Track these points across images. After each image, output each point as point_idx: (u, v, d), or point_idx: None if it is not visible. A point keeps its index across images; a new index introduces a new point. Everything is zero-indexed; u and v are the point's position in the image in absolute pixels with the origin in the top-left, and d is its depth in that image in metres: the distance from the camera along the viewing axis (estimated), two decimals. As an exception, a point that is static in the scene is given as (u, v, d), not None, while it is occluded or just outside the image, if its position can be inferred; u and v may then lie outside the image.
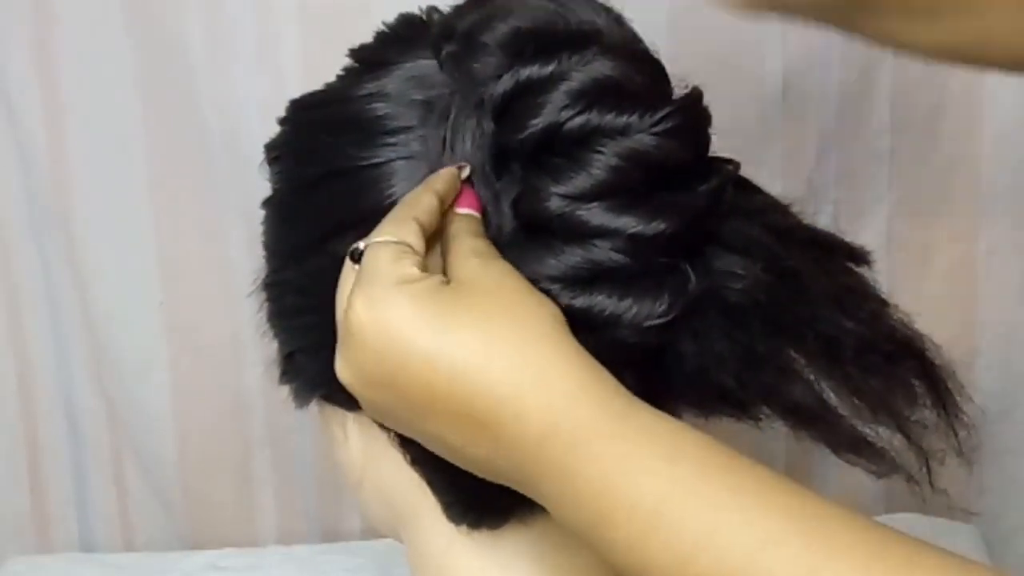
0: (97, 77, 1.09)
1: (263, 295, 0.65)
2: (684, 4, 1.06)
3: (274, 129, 0.66)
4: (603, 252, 0.56)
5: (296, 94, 0.66)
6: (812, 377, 0.60)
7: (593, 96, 0.57)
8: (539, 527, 0.61)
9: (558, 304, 0.55)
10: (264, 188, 0.66)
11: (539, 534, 0.62)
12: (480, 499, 0.60)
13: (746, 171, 1.08)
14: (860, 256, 0.63)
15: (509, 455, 0.52)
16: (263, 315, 0.66)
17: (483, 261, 0.54)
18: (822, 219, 1.13)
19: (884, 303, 0.62)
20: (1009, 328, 1.16)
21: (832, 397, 0.60)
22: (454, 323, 0.52)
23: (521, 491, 0.54)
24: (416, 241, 0.55)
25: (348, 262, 0.56)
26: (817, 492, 0.51)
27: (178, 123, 1.10)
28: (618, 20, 0.61)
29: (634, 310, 0.56)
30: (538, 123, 0.57)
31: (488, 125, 0.58)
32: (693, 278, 0.58)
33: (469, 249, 0.55)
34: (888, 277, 1.14)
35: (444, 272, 0.56)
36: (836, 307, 0.60)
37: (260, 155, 0.66)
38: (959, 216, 1.14)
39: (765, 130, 1.09)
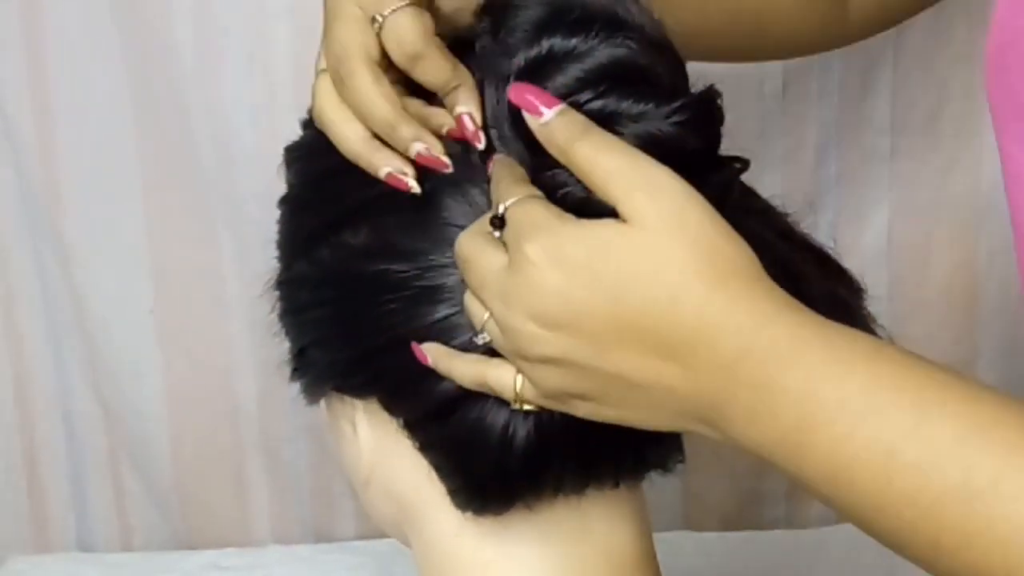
0: (88, 83, 1.09)
1: (275, 294, 0.65)
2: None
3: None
4: None
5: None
6: None
7: (614, 78, 0.57)
8: (545, 515, 0.62)
9: None
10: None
11: (546, 523, 0.62)
12: (485, 484, 0.60)
13: (747, 172, 1.09)
14: (849, 280, 0.64)
15: (698, 382, 0.53)
16: (275, 315, 0.66)
17: (652, 196, 0.53)
18: (822, 219, 1.13)
19: (873, 324, 0.62)
20: (1010, 329, 1.16)
21: None
22: (643, 257, 0.53)
23: (702, 424, 0.54)
24: (543, 194, 0.56)
25: (474, 237, 0.56)
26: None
27: (169, 128, 1.10)
28: (651, 16, 0.61)
29: None
30: (556, 88, 0.57)
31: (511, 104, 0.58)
32: None
33: (628, 183, 0.54)
34: (889, 277, 1.14)
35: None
36: (832, 314, 0.60)
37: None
38: (960, 217, 1.14)
39: (765, 130, 1.09)
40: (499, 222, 0.55)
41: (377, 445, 0.64)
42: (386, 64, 0.61)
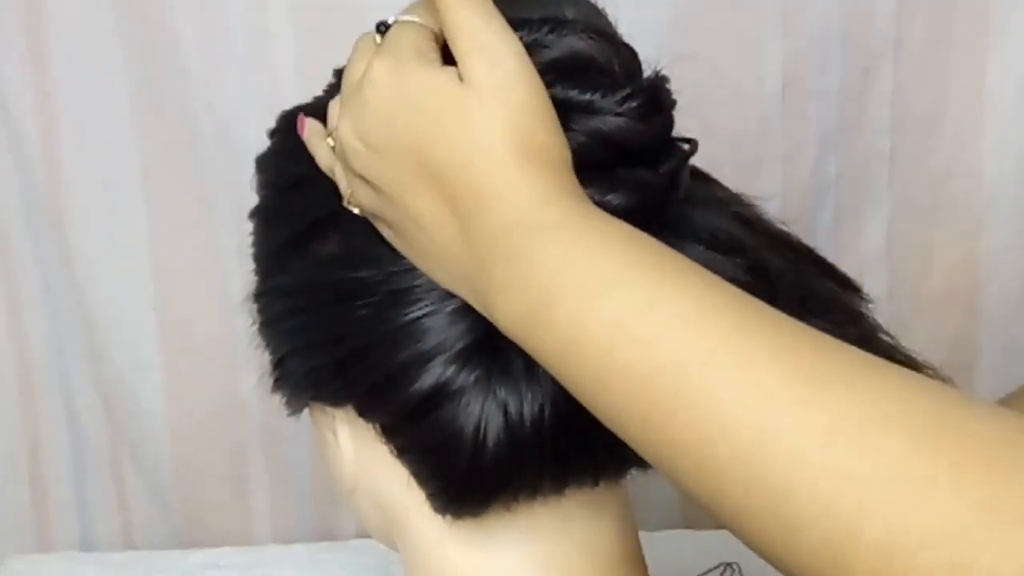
0: (90, 79, 1.09)
1: (254, 306, 0.66)
2: (685, 4, 1.06)
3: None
4: None
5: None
6: None
7: (562, 69, 0.58)
8: (525, 516, 0.62)
9: None
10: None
11: (527, 524, 0.62)
12: (460, 486, 0.60)
13: (746, 171, 1.09)
14: (831, 270, 0.63)
15: (471, 240, 0.55)
16: (255, 328, 0.66)
17: (490, 63, 0.56)
18: (822, 219, 1.13)
19: (873, 322, 0.62)
20: (1010, 329, 1.16)
21: None
22: (461, 114, 0.55)
23: (472, 296, 0.56)
24: (438, 30, 0.58)
25: (367, 39, 0.59)
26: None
27: (171, 123, 1.10)
28: (595, 9, 0.63)
29: None
30: None
31: None
32: None
33: (473, 44, 0.56)
34: (889, 278, 1.14)
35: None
36: (800, 305, 0.60)
37: (254, 154, 0.67)
38: (960, 216, 1.14)
39: (765, 130, 1.09)
40: (384, 28, 0.59)
41: (358, 454, 0.64)
42: None
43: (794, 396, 0.47)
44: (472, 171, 0.54)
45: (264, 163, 0.66)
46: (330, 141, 0.61)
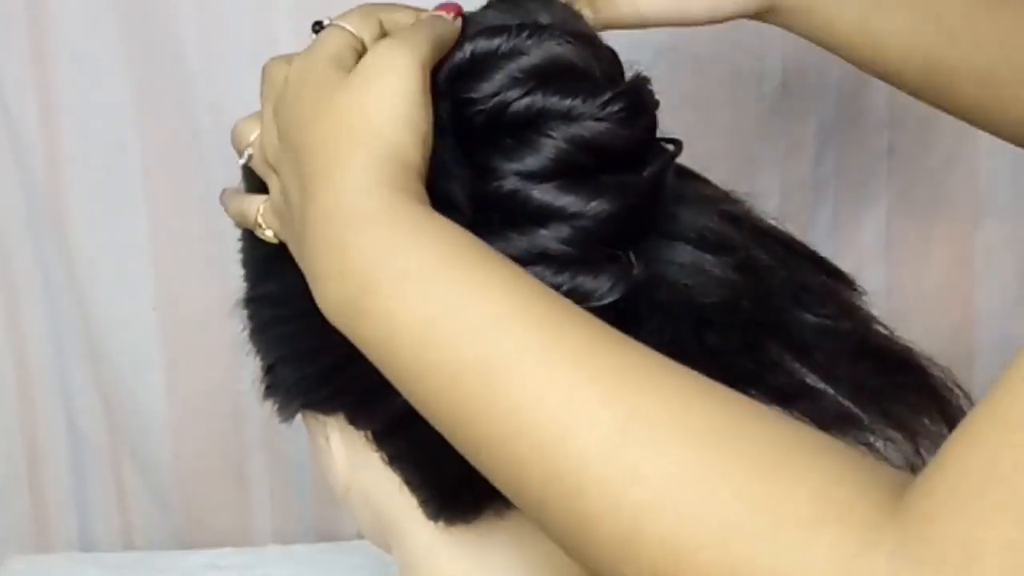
0: (92, 79, 1.09)
1: (244, 312, 0.66)
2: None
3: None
4: (547, 238, 0.57)
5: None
6: (796, 367, 0.60)
7: (542, 75, 0.58)
8: (517, 518, 0.61)
9: None
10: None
11: (517, 531, 0.62)
12: (452, 493, 0.61)
13: (746, 170, 1.09)
14: (824, 264, 0.63)
15: (304, 225, 0.55)
16: (245, 333, 0.66)
17: (379, 56, 0.57)
18: (821, 215, 1.13)
19: (868, 314, 0.62)
20: (1007, 324, 1.16)
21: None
22: (331, 100, 0.56)
23: (306, 273, 0.56)
24: (370, 41, 0.59)
25: (283, 59, 0.60)
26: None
27: (173, 126, 1.10)
28: (569, 10, 0.63)
29: (572, 289, 0.57)
30: (486, 93, 0.58)
31: (444, 107, 0.58)
32: (634, 260, 0.58)
33: (384, 42, 0.58)
34: (887, 274, 1.15)
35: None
36: (793, 300, 0.60)
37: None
38: (957, 212, 1.14)
39: (765, 129, 1.10)
40: (318, 28, 0.60)
41: (350, 460, 0.64)
42: None
43: (590, 395, 0.48)
44: (318, 156, 0.55)
45: (250, 170, 0.66)
46: (249, 151, 0.62)
